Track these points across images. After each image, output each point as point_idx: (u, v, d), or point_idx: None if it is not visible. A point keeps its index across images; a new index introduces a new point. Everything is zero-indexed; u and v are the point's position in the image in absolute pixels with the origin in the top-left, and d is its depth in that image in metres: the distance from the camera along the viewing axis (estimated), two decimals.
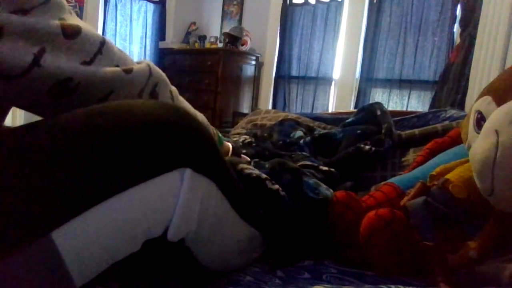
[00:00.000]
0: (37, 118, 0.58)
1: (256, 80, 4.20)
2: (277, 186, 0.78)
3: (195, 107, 0.83)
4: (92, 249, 0.44)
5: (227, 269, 0.72)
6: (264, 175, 0.78)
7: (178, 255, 0.63)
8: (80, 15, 3.85)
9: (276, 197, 0.77)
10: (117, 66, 0.56)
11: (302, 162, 1.14)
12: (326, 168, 1.12)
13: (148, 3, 4.46)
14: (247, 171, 0.77)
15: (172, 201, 0.52)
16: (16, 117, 3.32)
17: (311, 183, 0.86)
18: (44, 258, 0.41)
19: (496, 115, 0.60)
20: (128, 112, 0.49)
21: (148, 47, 4.52)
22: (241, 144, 1.50)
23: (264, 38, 4.16)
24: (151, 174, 0.49)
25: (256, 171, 0.78)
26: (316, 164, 1.13)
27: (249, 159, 1.13)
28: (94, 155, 0.45)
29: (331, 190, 0.89)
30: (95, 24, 3.99)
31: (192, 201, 0.54)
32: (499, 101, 0.62)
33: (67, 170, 0.43)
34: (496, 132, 0.57)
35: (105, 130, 0.46)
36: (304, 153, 1.31)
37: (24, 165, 0.42)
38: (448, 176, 0.72)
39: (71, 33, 0.50)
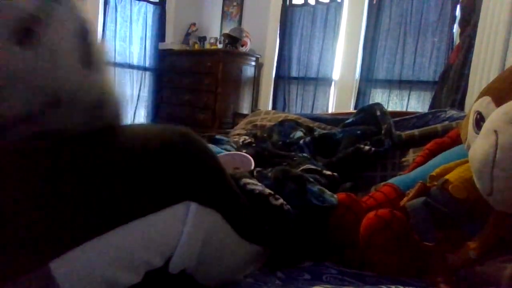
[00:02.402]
0: None
1: (256, 81, 4.20)
2: (280, 201, 0.76)
3: (195, 108, 0.82)
4: (91, 279, 0.43)
5: (227, 283, 0.71)
6: (267, 190, 0.76)
7: (179, 283, 0.62)
8: None
9: (280, 213, 0.76)
10: None
11: (305, 166, 1.13)
12: (329, 173, 1.12)
13: (148, 4, 4.46)
14: (250, 186, 0.75)
15: (176, 234, 0.51)
16: None
17: (315, 190, 0.85)
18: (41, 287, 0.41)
19: (495, 115, 0.60)
20: (136, 140, 0.49)
21: (148, 48, 4.52)
22: (241, 144, 1.50)
23: (263, 39, 4.16)
24: (155, 208, 0.48)
25: (259, 187, 0.76)
26: (319, 169, 1.13)
27: (250, 158, 1.13)
28: (98, 186, 0.44)
29: (336, 196, 0.88)
30: (95, 25, 3.99)
31: (196, 235, 0.53)
32: (498, 102, 0.62)
33: (69, 200, 0.43)
34: (496, 132, 0.57)
35: (110, 160, 0.46)
36: (304, 154, 1.30)
37: (24, 192, 0.42)
38: (447, 176, 0.73)
39: None
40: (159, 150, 0.50)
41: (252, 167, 1.11)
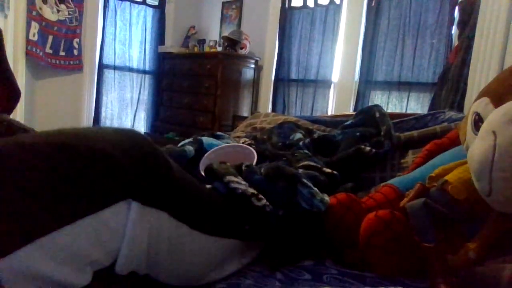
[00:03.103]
0: (36, 125, 0.58)
1: (255, 83, 4.21)
2: (263, 202, 0.76)
3: (195, 111, 0.83)
4: (38, 279, 0.43)
5: (209, 280, 0.70)
6: (250, 190, 0.75)
7: (133, 284, 0.61)
8: (79, 20, 3.87)
9: (262, 214, 0.75)
10: None
11: (305, 162, 1.13)
12: (329, 171, 1.11)
13: (147, 7, 4.48)
14: (233, 185, 0.75)
15: (119, 233, 0.51)
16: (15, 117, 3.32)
17: (305, 193, 0.84)
18: None
19: (494, 116, 0.60)
20: (77, 139, 0.49)
21: (147, 52, 4.53)
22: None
23: (263, 42, 4.17)
24: (98, 206, 0.48)
25: (242, 186, 0.75)
26: (319, 166, 1.12)
27: (253, 150, 1.12)
28: (41, 186, 0.44)
29: (327, 199, 0.87)
30: (95, 29, 4.00)
31: (140, 234, 0.53)
32: (497, 103, 0.63)
33: (12, 201, 0.43)
34: (494, 133, 0.58)
35: (51, 160, 0.46)
36: (305, 151, 1.30)
37: None
38: (447, 177, 0.73)
39: None
40: (101, 149, 0.50)
41: (255, 159, 1.10)
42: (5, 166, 0.44)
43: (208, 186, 0.77)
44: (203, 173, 1.07)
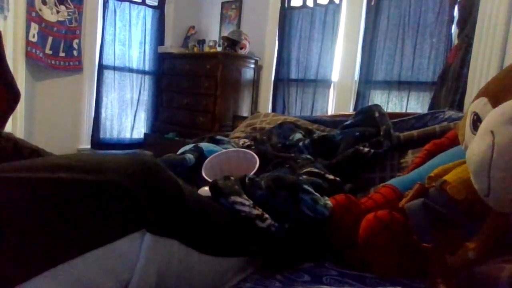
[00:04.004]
0: (37, 126, 0.58)
1: (255, 83, 4.21)
2: (268, 222, 0.76)
3: (195, 111, 0.82)
4: None
5: None
6: (254, 212, 0.76)
7: None
8: (79, 21, 3.87)
9: (267, 235, 0.76)
10: None
11: (308, 169, 1.13)
12: (332, 177, 1.11)
13: (147, 8, 4.47)
14: (238, 206, 0.75)
15: (131, 263, 0.51)
16: (16, 125, 3.32)
17: (307, 200, 0.84)
18: None
19: (492, 116, 0.60)
20: (90, 170, 0.49)
21: (147, 52, 4.53)
22: (241, 146, 1.50)
23: (262, 42, 4.17)
24: (112, 237, 0.49)
25: (246, 207, 0.76)
26: (322, 172, 1.12)
27: (256, 156, 1.12)
28: (56, 216, 0.45)
29: (330, 205, 0.87)
30: (94, 30, 4.00)
31: (151, 263, 0.53)
32: (495, 102, 0.62)
33: (26, 231, 0.43)
34: (492, 133, 0.58)
35: (66, 191, 0.46)
36: (308, 156, 1.30)
37: None
38: (446, 177, 0.73)
39: None
40: (114, 180, 0.50)
41: (257, 164, 1.10)
42: (19, 198, 0.44)
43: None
44: (204, 175, 1.08)
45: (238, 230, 0.73)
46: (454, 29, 2.93)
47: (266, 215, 0.77)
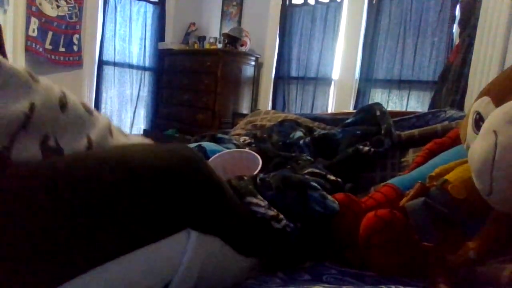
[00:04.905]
0: None
1: (255, 80, 4.20)
2: (283, 223, 0.75)
3: (195, 108, 0.82)
4: None
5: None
6: (270, 213, 0.75)
7: None
8: (79, 16, 3.85)
9: (283, 235, 0.75)
10: None
11: (309, 170, 1.13)
12: (333, 178, 1.11)
13: (148, 4, 4.46)
14: (254, 208, 0.75)
15: (176, 262, 0.51)
16: None
17: (317, 196, 0.84)
18: None
19: (495, 115, 0.60)
20: (138, 166, 0.48)
21: (147, 48, 4.52)
22: (241, 143, 1.50)
23: (263, 39, 4.16)
24: (157, 237, 0.48)
25: (261, 208, 0.75)
26: (323, 173, 1.12)
27: (259, 157, 1.12)
28: (98, 216, 0.44)
29: (337, 202, 0.87)
30: (95, 25, 3.99)
31: (195, 261, 0.53)
32: (498, 102, 0.62)
33: (68, 230, 0.42)
34: (495, 132, 0.57)
35: (108, 189, 0.45)
36: (308, 157, 1.30)
37: (19, 225, 0.41)
38: (447, 176, 0.73)
39: None
40: (161, 177, 0.49)
41: (260, 165, 1.10)
42: (67, 193, 0.43)
43: None
44: None
45: (256, 230, 0.73)
46: (455, 28, 2.93)
47: (281, 216, 0.76)
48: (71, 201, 0.43)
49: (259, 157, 1.14)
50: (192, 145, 1.34)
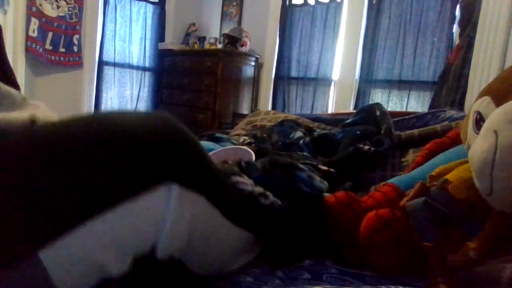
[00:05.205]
0: None
1: (255, 81, 4.21)
2: (270, 200, 0.76)
3: (195, 109, 0.83)
4: (80, 266, 0.44)
5: (222, 272, 0.71)
6: (257, 190, 0.76)
7: (170, 270, 0.61)
8: (79, 17, 3.85)
9: (271, 212, 0.76)
10: None
11: (301, 161, 1.13)
12: (325, 168, 1.12)
13: (148, 4, 4.46)
14: (240, 186, 0.75)
15: (160, 217, 0.51)
16: None
17: (304, 176, 0.85)
18: (32, 277, 0.41)
19: (495, 115, 0.60)
20: (113, 125, 0.49)
21: (147, 48, 4.52)
22: (241, 143, 1.50)
23: (263, 39, 4.16)
24: (138, 190, 0.48)
25: (249, 186, 0.76)
26: (315, 163, 1.13)
27: (252, 152, 1.13)
28: (81, 173, 0.45)
29: (325, 182, 0.88)
30: (95, 26, 3.99)
31: (180, 218, 0.53)
32: (498, 102, 0.62)
33: (52, 188, 0.43)
34: (495, 132, 0.57)
35: (90, 146, 0.46)
36: (304, 153, 1.30)
37: (8, 184, 0.42)
38: (447, 176, 0.72)
39: None
40: (139, 134, 0.50)
41: (253, 160, 1.10)
42: (41, 155, 0.44)
43: None
44: None
45: (245, 205, 0.73)
46: (455, 28, 2.93)
47: (268, 193, 0.77)
48: (55, 161, 0.44)
49: (252, 153, 1.15)
50: None
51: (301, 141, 1.44)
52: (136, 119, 0.53)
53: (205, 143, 1.34)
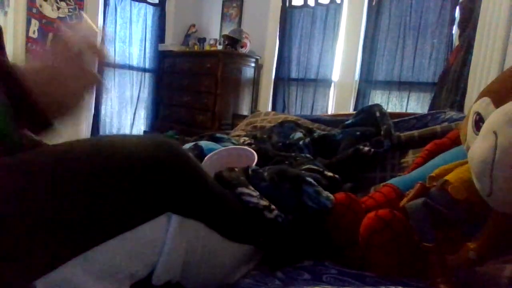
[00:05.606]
0: None
1: (255, 82, 4.21)
2: (275, 213, 0.76)
3: (195, 110, 0.83)
4: None
5: (225, 283, 0.71)
6: (262, 203, 0.76)
7: None
8: (79, 18, 3.86)
9: (274, 226, 0.76)
10: None
11: (307, 166, 1.13)
12: (331, 174, 1.11)
13: (148, 5, 4.47)
14: (246, 198, 0.75)
15: (158, 246, 0.51)
16: None
17: (311, 192, 0.84)
18: None
19: (495, 116, 0.60)
20: (114, 154, 0.49)
21: (147, 50, 4.52)
22: (241, 144, 1.50)
23: (263, 40, 4.16)
24: (138, 221, 0.48)
25: (254, 198, 0.76)
26: (321, 169, 1.12)
27: (254, 153, 1.12)
28: (79, 203, 0.44)
29: (332, 198, 0.87)
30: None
31: (178, 245, 0.53)
32: (498, 103, 0.62)
33: (50, 217, 0.43)
34: (495, 133, 0.57)
35: (89, 176, 0.46)
36: (307, 155, 1.30)
37: (5, 212, 0.42)
38: (447, 177, 0.73)
39: None
40: (140, 164, 0.50)
41: (255, 161, 1.10)
42: (42, 182, 0.44)
43: None
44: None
45: (247, 219, 0.73)
46: (455, 30, 2.93)
47: (273, 206, 0.77)
48: (55, 190, 0.44)
49: (254, 152, 1.15)
50: (189, 144, 1.34)
51: (301, 142, 1.44)
52: (137, 147, 0.52)
53: (206, 143, 1.34)
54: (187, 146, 1.33)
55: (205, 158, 1.17)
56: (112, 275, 0.46)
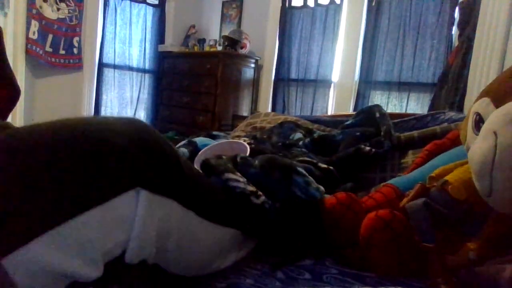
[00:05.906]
0: (36, 118, 0.58)
1: (255, 83, 4.21)
2: (262, 199, 0.76)
3: (195, 110, 0.83)
4: (48, 273, 0.43)
5: (210, 271, 0.71)
6: (249, 188, 0.75)
7: (143, 272, 0.60)
8: (79, 19, 3.86)
9: (261, 211, 0.76)
10: None
11: (301, 158, 1.13)
12: (324, 166, 1.11)
13: (148, 6, 4.47)
14: (232, 183, 0.75)
15: (129, 222, 0.51)
16: (15, 122, 3.32)
17: (300, 182, 0.84)
18: None
19: (495, 116, 0.60)
20: (85, 129, 0.49)
21: (147, 51, 4.52)
22: None
23: (263, 41, 4.17)
24: (107, 196, 0.48)
25: (241, 184, 0.75)
26: (315, 161, 1.13)
27: (247, 146, 1.12)
28: (48, 178, 0.44)
29: (322, 188, 0.87)
30: (95, 28, 3.99)
31: (149, 222, 0.53)
32: (498, 103, 0.62)
33: (18, 194, 0.42)
34: (495, 133, 0.57)
35: (54, 153, 0.45)
36: (304, 150, 1.31)
37: None
38: (447, 177, 0.73)
39: None
40: (107, 139, 0.50)
41: (248, 153, 1.10)
42: (9, 160, 0.44)
43: None
44: (198, 167, 1.07)
45: (232, 205, 0.73)
46: (454, 30, 2.94)
47: (260, 192, 0.77)
48: (22, 165, 0.44)
49: (247, 145, 1.15)
50: (183, 141, 1.35)
51: (300, 142, 1.44)
52: (107, 125, 0.52)
53: (201, 139, 1.35)
54: (181, 143, 1.33)
55: (199, 152, 1.17)
56: (84, 253, 0.45)
